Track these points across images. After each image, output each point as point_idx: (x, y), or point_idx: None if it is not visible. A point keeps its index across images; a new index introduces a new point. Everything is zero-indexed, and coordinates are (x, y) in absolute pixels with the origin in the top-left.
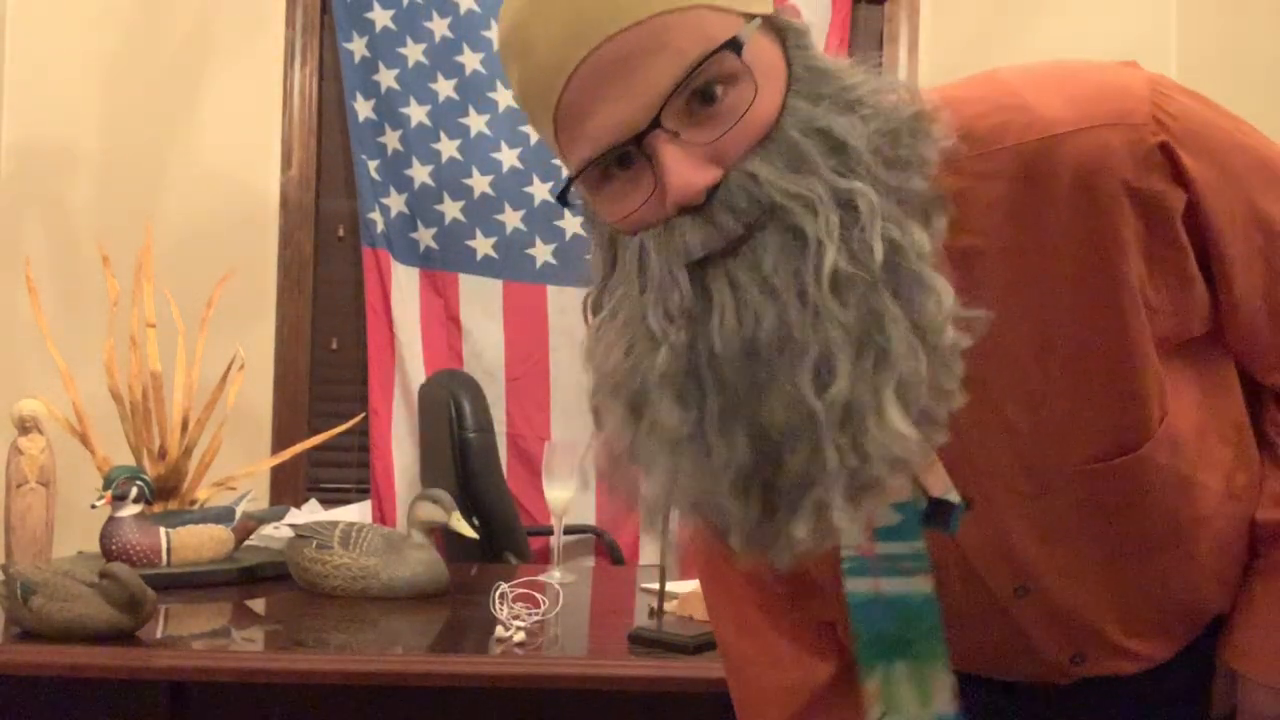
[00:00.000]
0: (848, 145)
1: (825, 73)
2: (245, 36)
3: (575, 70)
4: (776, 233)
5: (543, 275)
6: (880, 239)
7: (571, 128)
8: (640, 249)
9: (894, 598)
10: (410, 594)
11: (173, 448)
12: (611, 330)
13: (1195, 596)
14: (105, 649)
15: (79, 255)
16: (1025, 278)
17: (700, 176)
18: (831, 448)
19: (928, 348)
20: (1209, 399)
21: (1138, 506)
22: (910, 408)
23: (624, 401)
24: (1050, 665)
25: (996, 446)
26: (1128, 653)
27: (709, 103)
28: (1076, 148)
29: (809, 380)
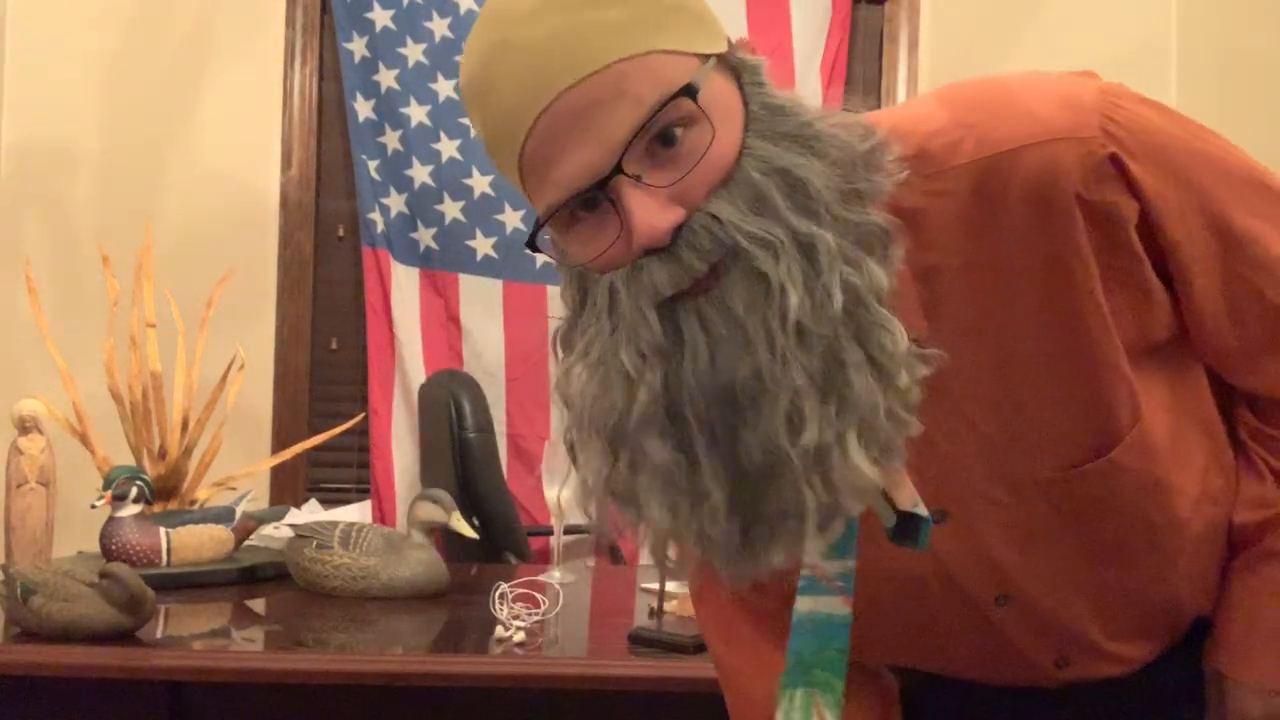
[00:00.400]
0: (807, 184)
1: (782, 109)
2: (245, 36)
3: (536, 121)
4: (742, 276)
5: (543, 275)
6: (839, 286)
7: (537, 175)
8: (610, 289)
9: (821, 617)
10: (410, 594)
11: (173, 448)
12: (585, 367)
13: (1174, 600)
14: (105, 649)
15: (79, 255)
16: (985, 292)
17: (663, 219)
18: (807, 487)
19: (885, 386)
20: (1180, 403)
21: (1112, 511)
22: (871, 445)
23: (603, 439)
24: (1036, 670)
25: (969, 457)
26: (1111, 656)
27: (669, 145)
28: (1027, 162)
29: (783, 427)
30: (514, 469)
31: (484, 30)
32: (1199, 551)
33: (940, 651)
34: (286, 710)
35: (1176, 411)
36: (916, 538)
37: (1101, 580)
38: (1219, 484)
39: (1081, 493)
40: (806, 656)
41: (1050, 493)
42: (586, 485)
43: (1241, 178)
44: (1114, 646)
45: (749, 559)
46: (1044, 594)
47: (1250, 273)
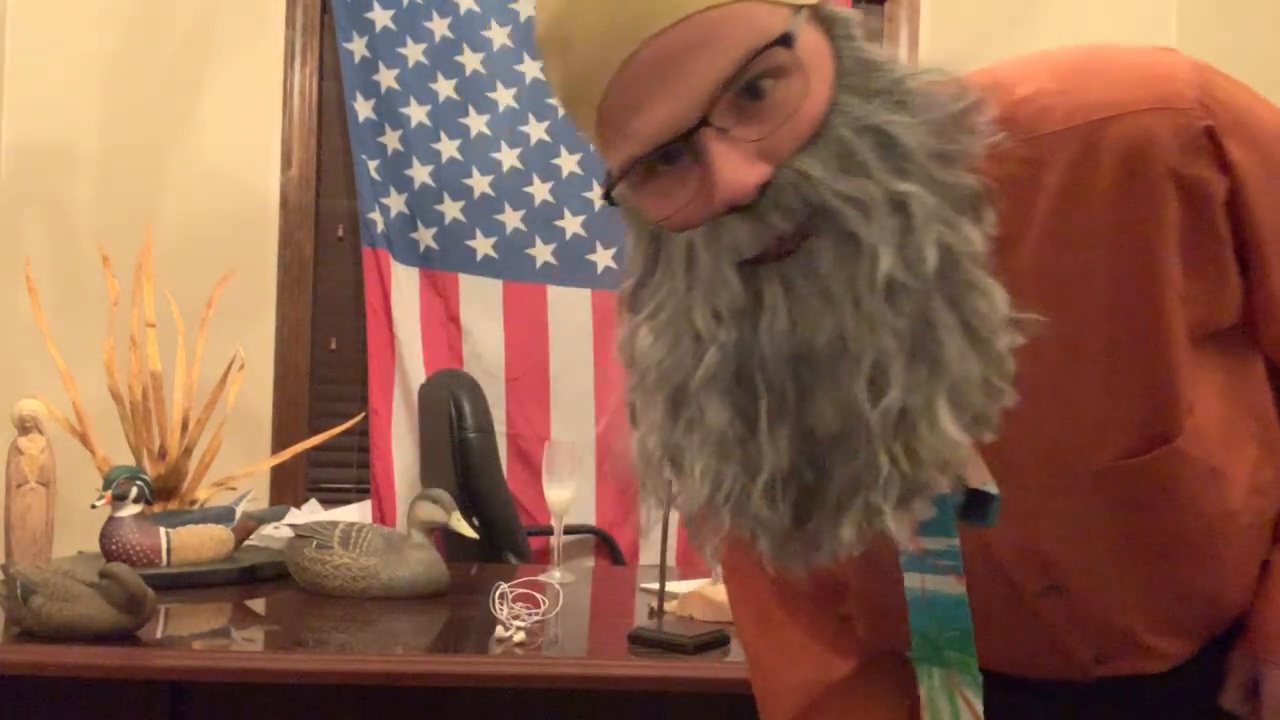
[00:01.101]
0: (900, 143)
1: (875, 65)
2: (245, 36)
3: (620, 69)
4: (831, 238)
5: (543, 275)
6: (934, 245)
7: (616, 126)
8: (688, 246)
9: (933, 597)
10: (410, 594)
11: (173, 448)
12: (653, 327)
13: (1219, 594)
14: (105, 649)
15: (79, 255)
16: (1062, 268)
17: (750, 174)
18: (885, 454)
19: (980, 351)
20: (1235, 391)
21: (1167, 502)
22: (963, 412)
23: (665, 399)
24: (1073, 664)
25: (1027, 443)
26: (1151, 651)
27: (758, 98)
28: (1122, 132)
29: (864, 388)
30: (514, 469)
31: None
32: (1245, 544)
33: (978, 641)
34: (286, 710)
35: (1230, 399)
36: (984, 516)
37: (1149, 573)
38: (1269, 475)
39: (1138, 483)
40: (932, 635)
41: (1107, 483)
42: (645, 447)
43: None
44: (1156, 641)
45: (802, 542)
46: (1091, 586)
47: None
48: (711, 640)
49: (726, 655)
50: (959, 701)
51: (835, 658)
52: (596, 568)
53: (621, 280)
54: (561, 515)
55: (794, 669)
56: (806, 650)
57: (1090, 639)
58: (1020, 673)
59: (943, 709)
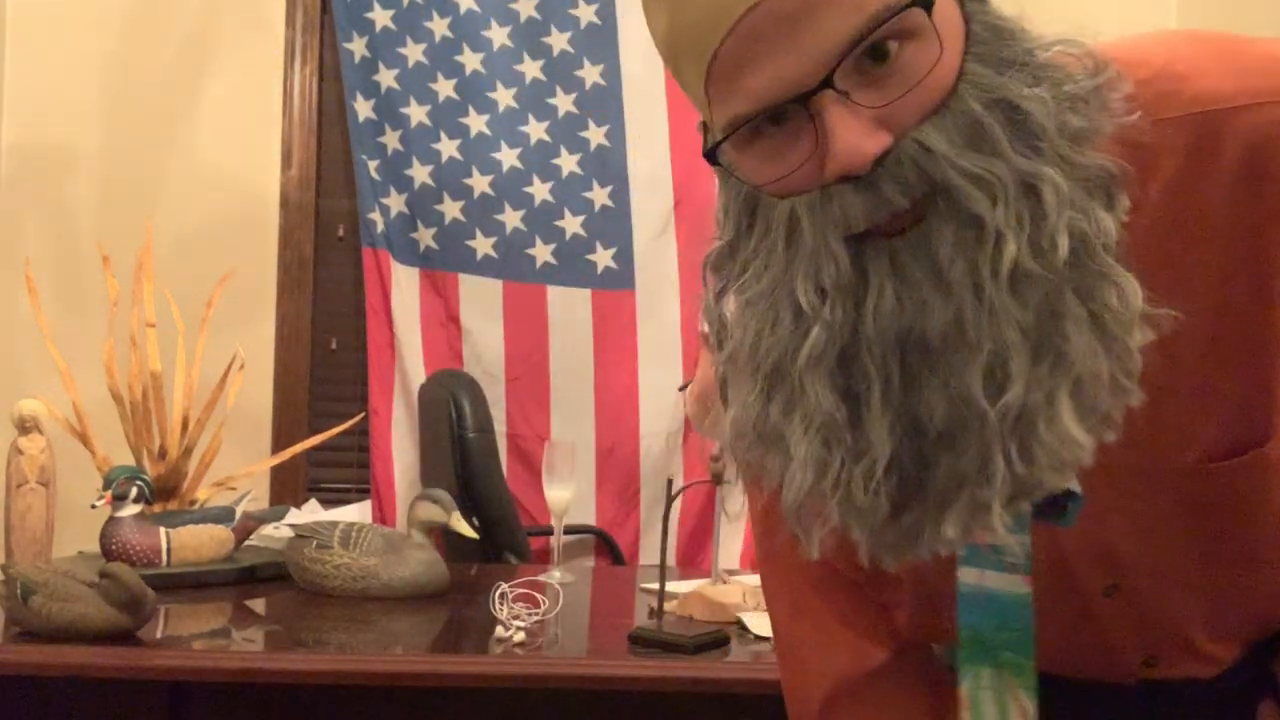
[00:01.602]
0: (1033, 120)
1: (1008, 32)
2: (245, 36)
3: (740, 19)
4: (952, 219)
5: (543, 275)
6: (1066, 232)
7: (727, 81)
8: (791, 215)
9: (993, 594)
10: (410, 594)
11: (173, 448)
12: (747, 297)
13: (1277, 603)
14: (105, 649)
15: (79, 255)
16: (1170, 258)
17: (870, 143)
18: (999, 452)
19: (1109, 347)
20: None
21: (1248, 509)
22: (1086, 411)
23: (762, 376)
24: (1121, 666)
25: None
26: (1203, 656)
27: (882, 61)
28: (1247, 123)
29: (980, 382)
30: (514, 469)
31: None
32: None
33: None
34: (286, 710)
35: None
36: (1064, 515)
37: (1216, 579)
38: None
39: (1222, 487)
40: (986, 634)
41: (1189, 485)
42: (737, 425)
43: None
44: (1210, 647)
45: (897, 536)
46: (1154, 588)
47: None
48: (711, 640)
49: (726, 655)
50: (1011, 705)
51: (870, 646)
52: (596, 568)
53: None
54: (561, 515)
55: (828, 656)
56: (841, 638)
57: (1143, 641)
58: (1060, 671)
59: (988, 710)
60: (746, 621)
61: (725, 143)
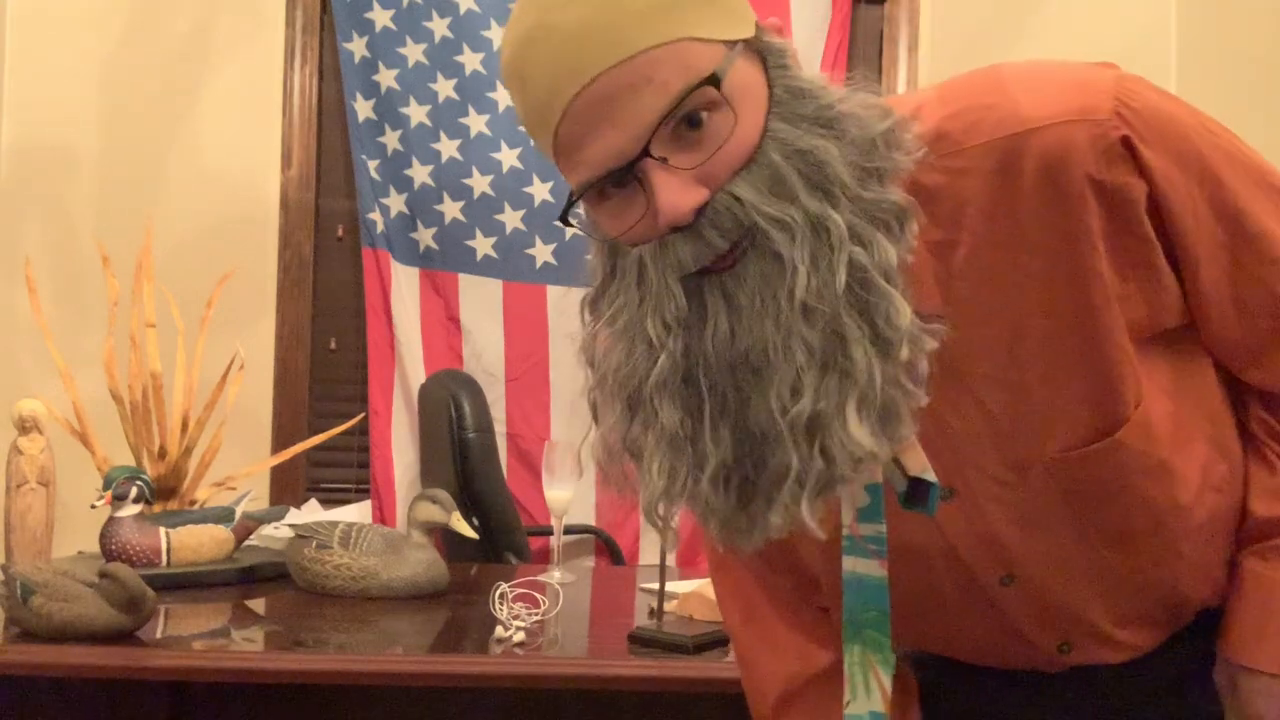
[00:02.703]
0: (827, 167)
1: (804, 92)
2: (245, 36)
3: (569, 104)
4: (759, 255)
5: (543, 275)
6: (844, 265)
7: (569, 155)
8: (639, 262)
9: (861, 578)
10: (410, 594)
11: (173, 448)
12: (610, 333)
13: (1177, 587)
14: (105, 649)
15: (79, 255)
16: (997, 269)
17: (687, 200)
18: (795, 453)
19: (888, 359)
20: (1183, 389)
21: (1116, 494)
22: (870, 415)
23: (623, 400)
24: (1039, 653)
25: (977, 436)
26: (1114, 641)
27: (695, 127)
28: (1042, 142)
29: (784, 394)
30: (514, 469)
31: (523, 12)
32: (1202, 539)
33: (944, 631)
34: (286, 710)
35: (1179, 397)
36: (926, 503)
37: (1104, 564)
38: (1222, 471)
39: (1086, 474)
40: (857, 615)
41: (1056, 474)
42: (606, 442)
43: (1252, 173)
44: (1117, 632)
45: (744, 525)
46: (1048, 576)
47: (1258, 266)
48: (711, 640)
49: (726, 655)
50: (872, 678)
51: (816, 649)
52: (596, 568)
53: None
54: (561, 515)
55: (777, 660)
56: (788, 642)
57: (1052, 629)
58: (989, 662)
59: (858, 684)
60: None
61: (582, 203)
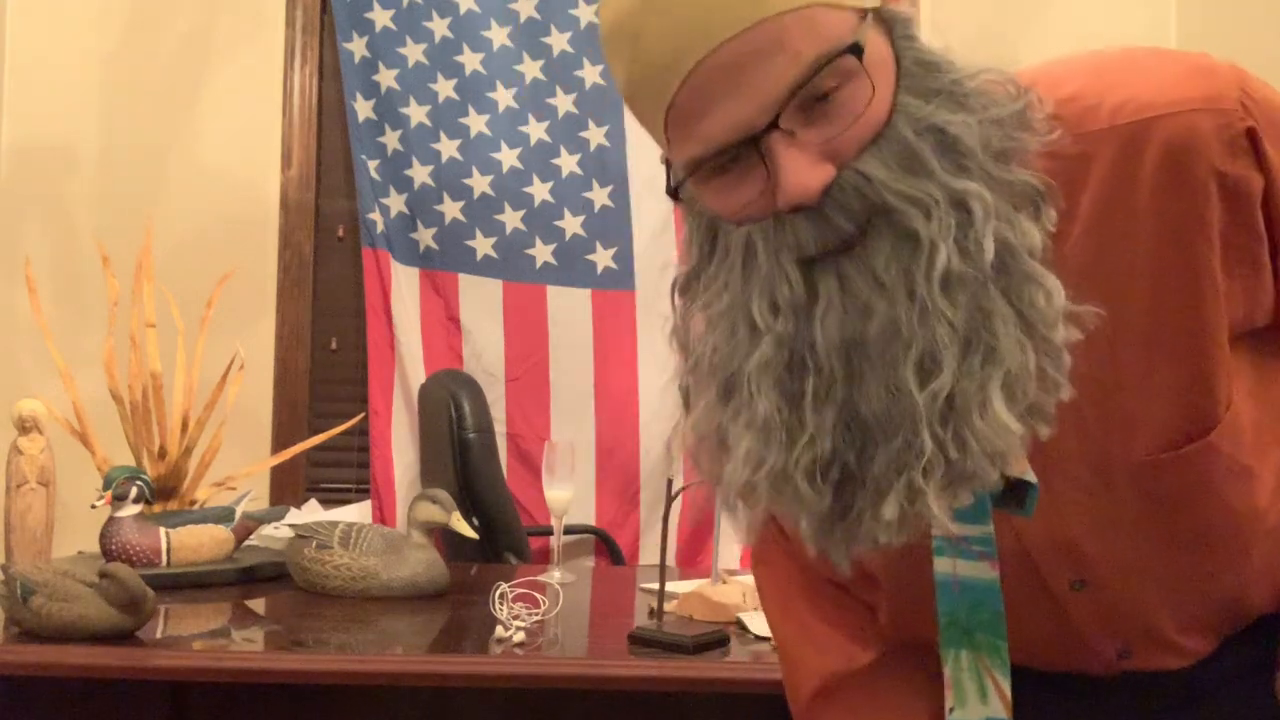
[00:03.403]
0: (961, 143)
1: (935, 65)
2: (245, 36)
3: (691, 72)
4: (889, 235)
5: (543, 275)
6: (993, 238)
7: (685, 126)
8: (747, 241)
9: (965, 581)
10: (410, 594)
11: (173, 448)
12: (708, 315)
13: (1244, 593)
14: (105, 649)
15: (79, 255)
16: (1105, 261)
17: (815, 178)
18: (930, 437)
19: (1037, 343)
20: (1263, 392)
21: (1199, 498)
22: (1017, 402)
23: (718, 384)
24: (1096, 659)
25: (1062, 436)
26: (1176, 648)
27: (824, 100)
28: (1167, 130)
29: (912, 372)
30: (514, 469)
31: None
32: (1271, 544)
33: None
34: (286, 710)
35: (1259, 400)
36: (1023, 505)
37: (1178, 569)
38: None
39: (1172, 477)
40: (961, 618)
41: (1140, 477)
42: (698, 429)
43: None
44: (1180, 638)
45: (842, 524)
46: (1120, 581)
47: None
48: (711, 640)
49: (726, 655)
50: (988, 682)
51: (856, 647)
52: (596, 568)
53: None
54: (561, 515)
55: (816, 656)
56: (828, 639)
57: (1115, 634)
58: (1041, 666)
59: (970, 690)
60: (746, 621)
61: (689, 180)
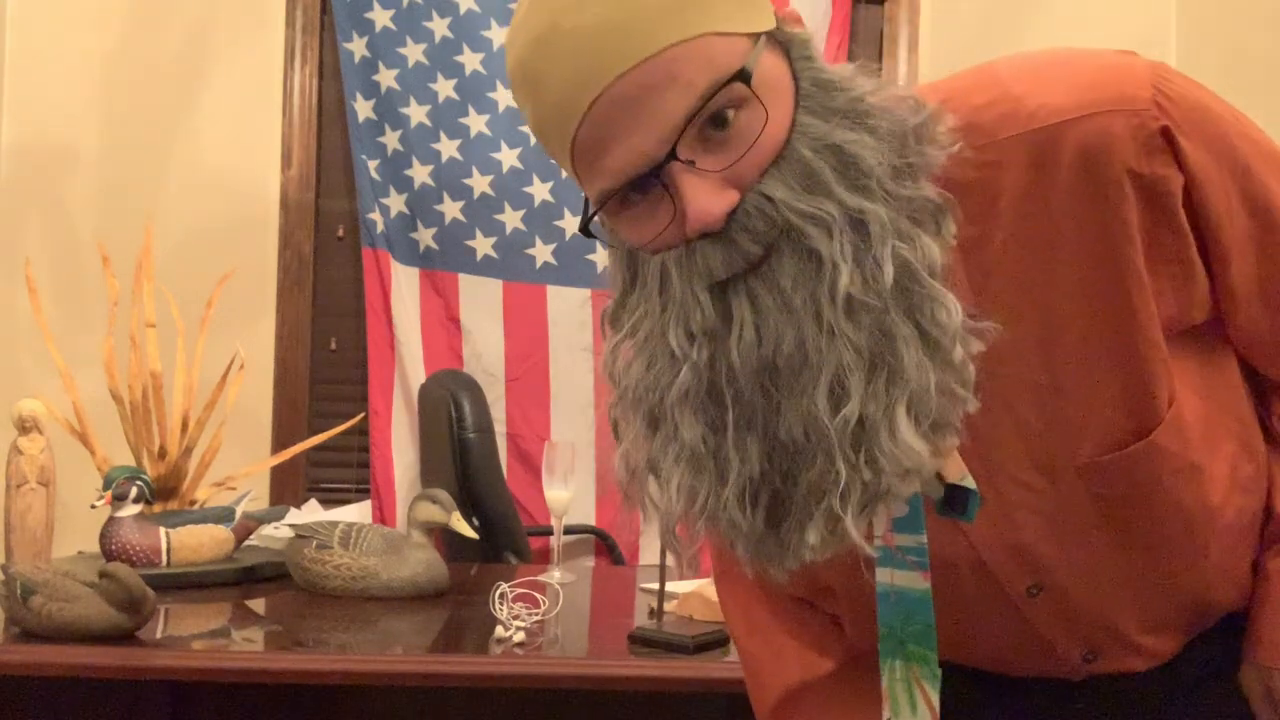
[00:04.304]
0: (859, 160)
1: (832, 84)
2: (245, 36)
3: (589, 108)
4: (793, 254)
5: (543, 275)
6: (891, 260)
7: (589, 162)
8: (662, 270)
9: (900, 591)
10: (410, 594)
11: (173, 448)
12: (631, 345)
13: (1205, 591)
14: (105, 649)
15: (79, 255)
16: (1031, 266)
17: (718, 204)
18: (844, 462)
19: (938, 361)
20: (1210, 387)
21: (1149, 498)
22: (922, 420)
23: (644, 415)
24: (1062, 662)
25: (1006, 442)
26: (1140, 649)
27: (722, 127)
28: (1080, 134)
29: (824, 399)
30: (514, 469)
31: (533, 14)
32: (1230, 541)
33: (965, 641)
34: (286, 710)
35: (1206, 396)
36: (965, 510)
37: (1134, 570)
38: (1249, 471)
39: (1119, 478)
40: (896, 629)
41: (1088, 478)
42: (627, 461)
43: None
44: (1144, 639)
45: (775, 547)
46: (1077, 584)
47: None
48: (711, 640)
49: (726, 655)
50: (917, 693)
51: (817, 656)
52: (596, 568)
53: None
54: (561, 515)
55: (777, 666)
56: (789, 649)
57: (1078, 637)
58: (1011, 671)
59: (901, 700)
60: None
61: (601, 212)
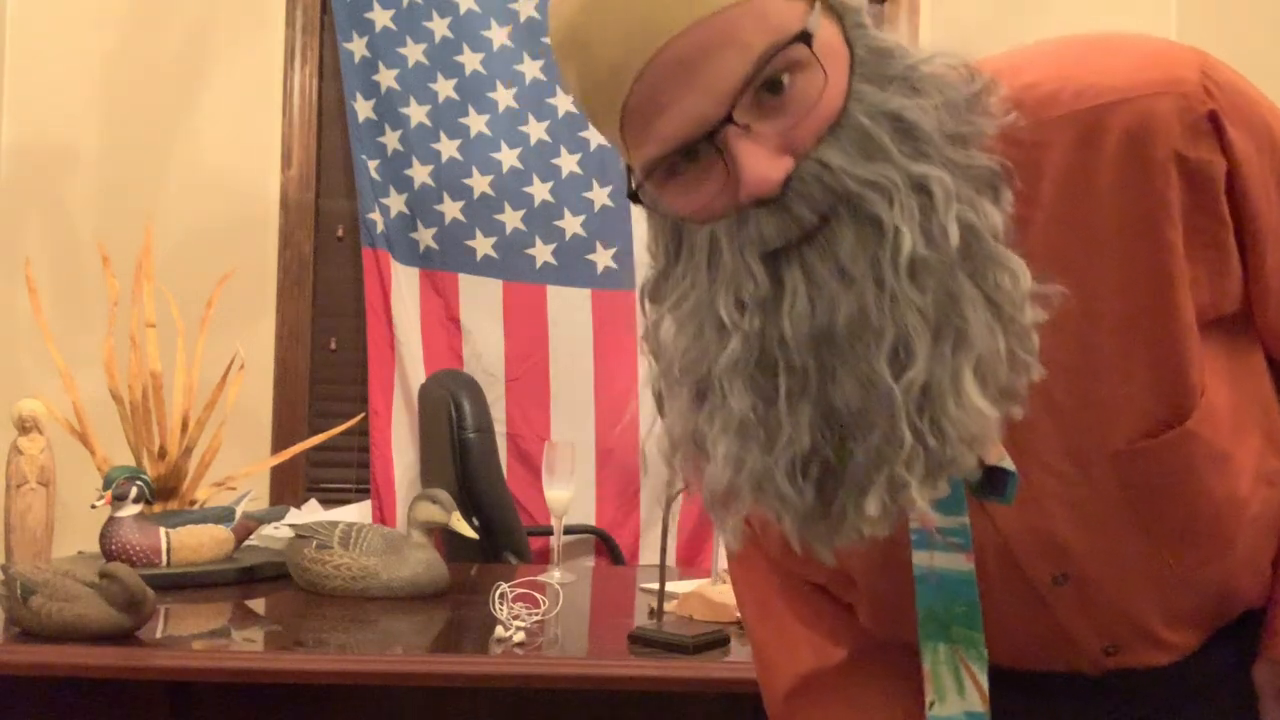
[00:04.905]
0: (917, 127)
1: (887, 52)
2: (245, 36)
3: (642, 71)
4: (853, 222)
5: (543, 275)
6: (955, 222)
7: (639, 128)
8: (711, 239)
9: (941, 573)
10: (410, 594)
11: (173, 448)
12: (676, 317)
13: (1230, 585)
14: (105, 649)
15: (79, 255)
16: (1072, 247)
17: (775, 169)
18: (908, 428)
19: (1005, 326)
20: (1239, 378)
21: (1180, 487)
22: (989, 386)
23: (690, 386)
24: (1083, 656)
25: (1038, 426)
26: (1163, 643)
27: (777, 92)
28: (1128, 115)
29: (885, 363)
30: (514, 469)
31: None
32: (1254, 533)
33: (987, 634)
34: (286, 710)
35: (1235, 385)
36: (1003, 493)
37: (1162, 561)
38: (1275, 465)
39: (1153, 466)
40: (939, 612)
41: (1120, 467)
42: (672, 435)
43: None
44: (1166, 633)
45: (826, 521)
46: (1104, 575)
47: None
48: (711, 640)
49: (726, 655)
50: (964, 676)
51: (831, 645)
52: (596, 568)
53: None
54: (561, 515)
55: (790, 654)
56: (802, 637)
57: (1101, 630)
58: (1029, 665)
59: (947, 683)
60: None
61: (648, 181)
